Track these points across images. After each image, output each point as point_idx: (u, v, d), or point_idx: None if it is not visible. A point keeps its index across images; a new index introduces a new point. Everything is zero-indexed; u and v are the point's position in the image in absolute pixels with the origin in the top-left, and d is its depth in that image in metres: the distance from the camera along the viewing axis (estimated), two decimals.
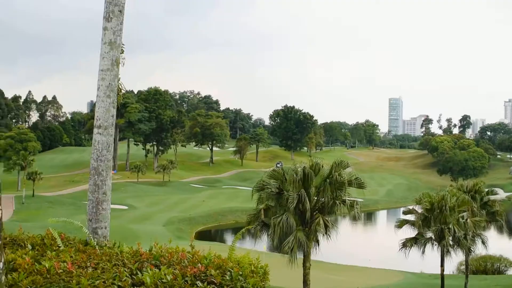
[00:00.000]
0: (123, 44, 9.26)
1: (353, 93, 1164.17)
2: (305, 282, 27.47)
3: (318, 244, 27.86)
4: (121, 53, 9.17)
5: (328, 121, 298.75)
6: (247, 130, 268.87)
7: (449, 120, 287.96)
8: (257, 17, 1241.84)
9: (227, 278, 6.12)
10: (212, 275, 6.08)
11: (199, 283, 5.84)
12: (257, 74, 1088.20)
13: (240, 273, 6.23)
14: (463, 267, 45.70)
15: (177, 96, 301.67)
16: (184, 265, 6.44)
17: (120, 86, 9.38)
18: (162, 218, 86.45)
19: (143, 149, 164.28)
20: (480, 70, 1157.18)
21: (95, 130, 9.06)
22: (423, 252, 34.83)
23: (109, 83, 8.97)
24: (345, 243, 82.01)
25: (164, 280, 5.75)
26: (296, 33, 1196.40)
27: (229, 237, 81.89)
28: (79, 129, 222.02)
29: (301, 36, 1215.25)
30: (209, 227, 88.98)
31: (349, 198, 27.48)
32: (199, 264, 6.36)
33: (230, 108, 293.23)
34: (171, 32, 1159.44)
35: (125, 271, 6.03)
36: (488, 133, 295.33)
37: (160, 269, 6.05)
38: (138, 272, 6.08)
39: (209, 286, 5.82)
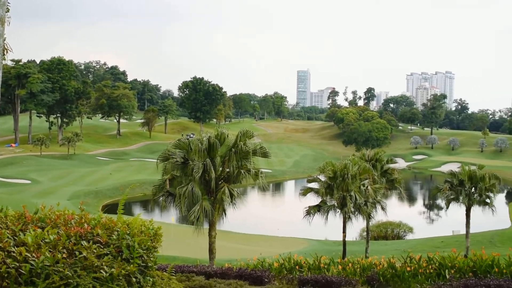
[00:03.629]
0: (8, 3, 8.80)
1: (263, 65, 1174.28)
2: (211, 251, 27.68)
3: (225, 214, 28.06)
4: (6, 12, 8.71)
5: (237, 93, 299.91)
6: (155, 102, 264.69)
7: (354, 93, 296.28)
8: None
9: (114, 237, 6.08)
10: (99, 234, 6.02)
11: (84, 243, 5.78)
12: (166, 45, 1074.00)
13: (128, 232, 6.21)
14: (365, 233, 47.54)
15: (82, 67, 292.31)
16: (70, 225, 6.34)
17: (6, 46, 8.94)
18: (67, 192, 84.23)
19: (46, 121, 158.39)
20: (384, 45, 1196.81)
21: None
22: (326, 219, 35.82)
23: None
24: (254, 213, 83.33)
25: (47, 240, 5.64)
26: (206, 6, 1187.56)
27: (137, 210, 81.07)
28: None
29: (210, 9, 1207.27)
30: (116, 200, 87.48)
31: (254, 168, 27.75)
32: (86, 225, 6.28)
33: (138, 79, 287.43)
34: (75, 1, 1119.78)
35: (7, 233, 5.85)
36: (391, 105, 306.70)
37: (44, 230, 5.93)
38: (21, 234, 5.92)
39: (94, 245, 5.77)
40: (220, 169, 27.62)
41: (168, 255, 35.92)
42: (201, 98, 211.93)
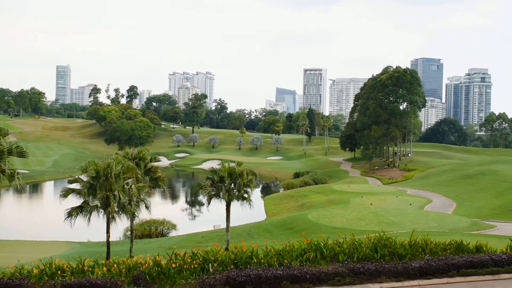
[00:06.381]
0: None
1: (18, 58, 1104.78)
2: None
3: None
4: None
5: None
6: None
7: (117, 90, 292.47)
8: None
9: None
10: None
11: None
12: None
13: None
14: (129, 232, 47.17)
15: None
16: None
17: None
18: None
19: None
20: (148, 43, 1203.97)
21: None
22: (89, 220, 34.78)
23: None
24: (10, 217, 78.02)
25: None
26: None
27: None
28: None
29: None
30: None
31: (9, 168, 25.92)
32: None
33: None
34: None
35: None
36: (154, 103, 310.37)
37: None
38: None
39: None
40: None
41: None
42: None
